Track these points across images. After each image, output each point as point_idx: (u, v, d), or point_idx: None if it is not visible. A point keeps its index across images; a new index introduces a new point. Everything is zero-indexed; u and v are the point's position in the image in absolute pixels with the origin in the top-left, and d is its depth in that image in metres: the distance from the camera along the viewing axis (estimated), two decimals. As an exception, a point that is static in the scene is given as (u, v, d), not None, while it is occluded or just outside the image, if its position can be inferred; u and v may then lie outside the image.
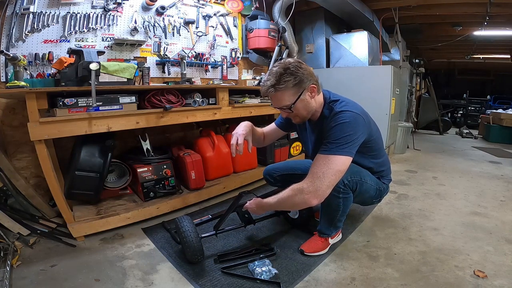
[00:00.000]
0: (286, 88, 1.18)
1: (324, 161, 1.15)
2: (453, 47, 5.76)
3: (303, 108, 1.24)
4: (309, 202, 1.16)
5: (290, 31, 3.33)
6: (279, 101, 1.22)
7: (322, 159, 1.16)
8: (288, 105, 1.21)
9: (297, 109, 1.23)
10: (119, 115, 1.58)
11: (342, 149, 1.14)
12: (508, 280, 1.24)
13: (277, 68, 1.19)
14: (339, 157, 1.14)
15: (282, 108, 1.25)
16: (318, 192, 1.13)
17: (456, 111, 7.88)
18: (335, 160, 1.14)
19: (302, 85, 1.19)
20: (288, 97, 1.20)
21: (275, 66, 1.22)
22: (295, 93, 1.20)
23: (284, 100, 1.21)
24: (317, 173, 1.14)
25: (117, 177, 1.92)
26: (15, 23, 1.73)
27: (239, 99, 2.31)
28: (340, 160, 1.14)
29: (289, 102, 1.21)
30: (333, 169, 1.14)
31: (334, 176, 1.14)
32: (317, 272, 1.32)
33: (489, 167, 3.30)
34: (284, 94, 1.19)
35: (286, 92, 1.19)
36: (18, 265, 1.33)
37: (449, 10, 3.79)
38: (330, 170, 1.13)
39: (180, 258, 1.41)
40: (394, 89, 3.25)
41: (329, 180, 1.14)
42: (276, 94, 1.19)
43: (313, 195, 1.14)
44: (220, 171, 2.31)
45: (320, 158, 1.17)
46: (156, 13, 2.38)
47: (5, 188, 1.68)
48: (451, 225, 1.79)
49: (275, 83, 1.17)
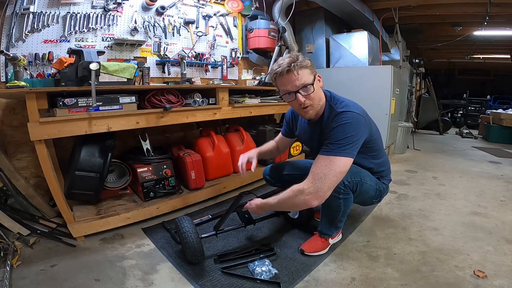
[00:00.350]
0: (305, 66, 1.18)
1: (325, 162, 1.15)
2: (453, 47, 5.76)
3: (317, 93, 1.24)
4: (310, 203, 1.16)
5: (290, 31, 3.33)
6: (301, 78, 1.18)
7: (324, 160, 1.16)
8: (310, 82, 1.20)
9: (315, 92, 1.22)
10: (119, 115, 1.58)
11: (344, 150, 1.14)
12: (508, 280, 1.24)
13: (289, 55, 1.21)
14: (340, 158, 1.14)
15: (304, 87, 1.19)
16: (318, 193, 1.14)
17: (456, 111, 7.88)
18: (337, 161, 1.14)
19: (314, 70, 1.23)
20: (307, 75, 1.19)
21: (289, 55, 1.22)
22: (311, 73, 1.21)
23: (304, 77, 1.19)
24: (318, 174, 1.14)
25: (117, 177, 1.92)
26: (15, 23, 1.73)
27: (239, 99, 2.31)
28: (342, 161, 1.14)
29: (309, 81, 1.20)
30: (334, 170, 1.13)
31: (335, 177, 1.14)
32: (317, 272, 1.32)
33: (489, 167, 3.30)
34: (304, 71, 1.18)
35: (305, 70, 1.19)
36: (18, 265, 1.33)
37: (449, 10, 3.79)
38: (332, 171, 1.13)
39: (180, 258, 1.41)
40: (394, 89, 3.25)
41: (330, 181, 1.14)
42: (297, 71, 1.17)
43: (313, 196, 1.14)
44: (220, 171, 2.31)
45: (322, 159, 1.16)
46: (156, 13, 2.38)
47: (5, 188, 1.68)
48: (451, 225, 1.79)
49: (295, 60, 1.17)
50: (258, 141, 2.56)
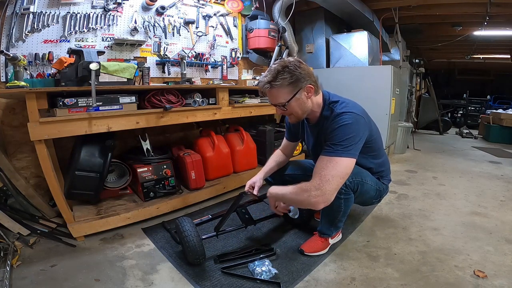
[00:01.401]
0: (282, 86, 1.19)
1: (331, 164, 1.14)
2: (453, 47, 5.76)
3: (297, 107, 1.25)
4: (317, 206, 1.15)
5: (290, 31, 3.33)
6: (275, 98, 1.23)
7: (329, 161, 1.15)
8: (283, 102, 1.22)
9: (292, 107, 1.24)
10: (119, 115, 1.58)
11: (348, 151, 1.14)
12: (508, 280, 1.24)
13: (276, 65, 1.20)
14: (345, 159, 1.14)
15: (277, 105, 1.26)
16: (326, 196, 1.13)
17: (456, 111, 7.88)
18: (342, 162, 1.14)
19: (298, 84, 1.20)
20: (283, 95, 1.21)
21: (275, 63, 1.23)
22: (290, 91, 1.20)
23: (279, 97, 1.22)
24: (326, 176, 1.13)
25: (117, 177, 1.92)
26: (15, 23, 1.73)
27: (239, 99, 2.31)
28: (346, 162, 1.15)
29: (283, 100, 1.22)
30: (341, 172, 1.14)
31: (341, 179, 1.15)
32: (317, 272, 1.32)
33: (489, 167, 3.30)
34: (280, 91, 1.20)
35: (281, 89, 1.20)
36: (18, 265, 1.33)
37: (449, 10, 3.79)
38: (338, 173, 1.13)
39: (180, 258, 1.41)
40: (394, 89, 3.25)
41: (337, 183, 1.14)
42: (272, 90, 1.21)
43: (321, 199, 1.13)
44: (220, 171, 2.31)
45: (326, 160, 1.16)
46: (156, 13, 2.38)
47: (5, 188, 1.68)
48: (451, 225, 1.79)
49: (271, 80, 1.19)
50: (258, 141, 2.56)
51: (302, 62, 1.23)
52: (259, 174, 1.61)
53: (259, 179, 1.59)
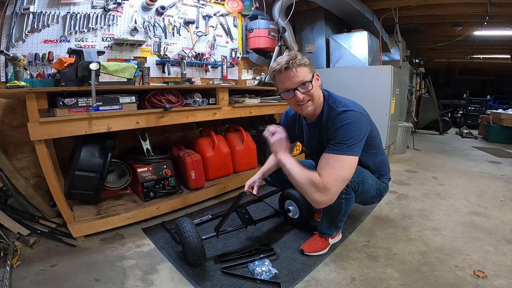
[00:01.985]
0: (304, 65, 1.20)
1: (338, 163, 1.13)
2: (453, 47, 5.75)
3: (316, 91, 1.25)
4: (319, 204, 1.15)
5: (290, 31, 3.33)
6: (299, 75, 1.19)
7: (336, 160, 1.14)
8: (309, 79, 1.21)
9: (314, 89, 1.23)
10: (119, 115, 1.58)
11: (352, 149, 1.15)
12: (508, 280, 1.24)
13: (289, 53, 1.22)
14: (350, 157, 1.15)
15: (302, 84, 1.20)
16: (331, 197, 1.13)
17: (456, 111, 7.88)
18: (347, 161, 1.14)
19: (312, 69, 1.24)
20: (306, 73, 1.21)
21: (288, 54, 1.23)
22: (310, 71, 1.22)
23: (303, 74, 1.20)
24: (334, 175, 1.12)
25: (117, 177, 1.92)
26: (15, 23, 1.73)
27: (239, 99, 2.31)
28: (351, 161, 1.15)
29: (308, 79, 1.21)
30: (347, 172, 1.15)
31: (347, 181, 1.17)
32: (317, 272, 1.32)
33: (489, 167, 3.30)
34: (303, 69, 1.20)
35: (304, 68, 1.20)
36: (18, 265, 1.33)
37: (449, 10, 3.78)
38: (345, 173, 1.14)
39: (180, 258, 1.41)
40: (394, 89, 3.25)
41: (343, 185, 1.16)
42: (297, 68, 1.18)
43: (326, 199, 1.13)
44: (220, 171, 2.31)
45: (333, 159, 1.14)
46: (156, 13, 2.38)
47: (5, 188, 1.68)
48: (451, 225, 1.79)
49: (293, 58, 1.18)
50: (258, 141, 2.56)
51: None
52: (257, 174, 1.61)
53: (258, 178, 1.59)
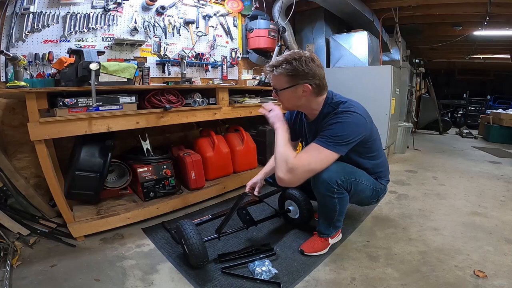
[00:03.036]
0: (280, 75, 1.26)
1: (314, 151, 1.21)
2: (453, 47, 5.75)
3: (288, 99, 1.32)
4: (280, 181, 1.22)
5: (290, 31, 3.33)
6: (273, 81, 1.32)
7: (314, 148, 1.21)
8: (277, 88, 1.31)
9: (283, 96, 1.32)
10: (119, 115, 1.58)
11: (335, 146, 1.19)
12: (508, 280, 1.24)
13: (290, 54, 1.26)
14: (329, 152, 1.20)
15: (273, 88, 1.34)
16: (292, 178, 1.20)
17: (456, 111, 7.88)
18: (324, 153, 1.20)
19: (296, 80, 1.25)
20: (280, 82, 1.28)
21: (290, 53, 1.28)
22: (287, 82, 1.27)
23: (276, 83, 1.30)
24: (304, 159, 1.20)
25: (117, 177, 1.92)
26: (15, 23, 1.73)
27: (239, 99, 2.31)
28: (329, 155, 1.20)
29: (279, 87, 1.29)
30: (317, 163, 1.21)
31: (313, 170, 1.22)
32: (317, 272, 1.32)
33: (489, 167, 3.30)
34: (278, 78, 1.28)
35: (280, 77, 1.27)
36: (18, 265, 1.33)
37: (449, 10, 3.78)
38: (315, 161, 1.21)
39: (180, 258, 1.41)
40: (394, 89, 3.25)
41: (309, 170, 1.21)
42: (273, 75, 1.30)
43: (287, 177, 1.20)
44: (220, 171, 2.31)
45: (313, 147, 1.22)
46: (156, 13, 2.38)
47: (5, 188, 1.68)
48: (451, 225, 1.79)
49: (275, 65, 1.27)
50: (258, 141, 2.56)
51: (315, 60, 1.26)
52: (259, 175, 1.62)
53: (260, 179, 1.60)
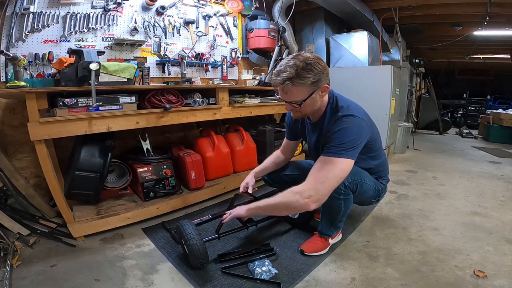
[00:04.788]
0: (304, 85, 1.12)
1: (328, 166, 1.13)
2: (453, 47, 5.75)
3: (310, 105, 1.21)
4: (308, 207, 1.13)
5: (290, 31, 3.33)
6: (292, 95, 1.15)
7: (325, 162, 1.14)
8: (299, 101, 1.16)
9: (305, 106, 1.19)
10: (119, 115, 1.58)
11: (346, 152, 1.13)
12: (508, 280, 1.24)
13: (296, 60, 1.10)
14: (343, 160, 1.13)
15: (290, 103, 1.19)
16: (317, 196, 1.12)
17: (456, 111, 7.89)
18: (339, 163, 1.12)
19: (318, 84, 1.14)
20: (301, 94, 1.15)
21: (292, 58, 1.13)
22: (309, 90, 1.15)
23: (297, 95, 1.15)
24: (319, 177, 1.13)
25: (117, 177, 1.92)
26: (15, 23, 1.73)
27: (239, 99, 2.31)
28: (344, 163, 1.13)
29: (300, 99, 1.15)
30: (336, 175, 1.13)
31: (335, 181, 1.14)
32: (317, 272, 1.32)
33: (489, 167, 3.30)
34: (300, 89, 1.13)
35: (302, 88, 1.12)
36: (18, 265, 1.33)
37: (449, 10, 3.78)
38: (334, 175, 1.12)
39: (180, 258, 1.41)
40: (394, 89, 3.25)
41: (331, 184, 1.13)
42: (292, 88, 1.12)
43: (312, 200, 1.12)
44: (220, 171, 2.31)
45: (324, 161, 1.15)
46: (156, 13, 2.38)
47: (5, 188, 1.68)
48: (451, 225, 1.79)
49: (293, 77, 1.09)
50: (258, 141, 2.56)
51: (321, 59, 1.16)
52: (250, 175, 1.64)
53: (251, 178, 1.61)
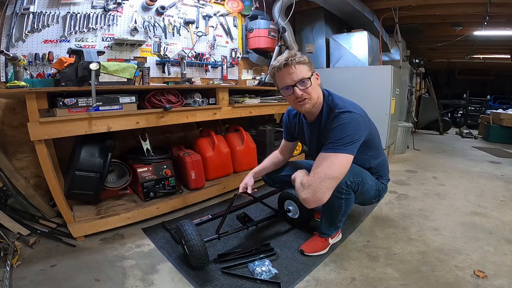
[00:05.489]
0: (303, 62, 1.23)
1: (327, 162, 1.15)
2: (453, 47, 5.75)
3: (314, 90, 1.27)
4: (306, 203, 1.17)
5: (290, 31, 3.32)
6: (298, 72, 1.22)
7: (324, 159, 1.16)
8: (308, 76, 1.23)
9: (313, 88, 1.25)
10: (119, 115, 1.58)
11: (344, 148, 1.15)
12: (508, 280, 1.24)
13: (286, 53, 1.25)
14: (342, 155, 1.15)
15: (301, 81, 1.23)
16: (316, 195, 1.14)
17: (456, 111, 7.88)
18: (338, 159, 1.15)
19: (311, 67, 1.26)
20: (305, 71, 1.23)
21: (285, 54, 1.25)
22: (309, 69, 1.25)
23: (302, 72, 1.23)
24: (318, 173, 1.15)
25: (117, 177, 1.92)
26: (15, 23, 1.73)
27: (239, 99, 2.31)
28: (343, 159, 1.15)
29: (307, 75, 1.23)
30: (334, 170, 1.14)
31: (335, 179, 1.16)
32: (317, 272, 1.32)
33: (489, 167, 3.30)
34: (302, 67, 1.23)
35: (303, 65, 1.23)
36: (18, 265, 1.33)
37: (449, 10, 3.78)
38: (333, 171, 1.14)
39: (180, 258, 1.41)
40: (394, 89, 3.25)
41: (330, 183, 1.15)
42: (296, 65, 1.22)
43: (311, 197, 1.15)
44: (220, 171, 2.31)
45: (322, 157, 1.17)
46: (156, 13, 2.38)
47: (5, 188, 1.68)
48: (451, 225, 1.79)
49: (293, 56, 1.21)
50: (258, 141, 2.56)
51: None
52: (249, 175, 1.64)
53: (250, 179, 1.61)
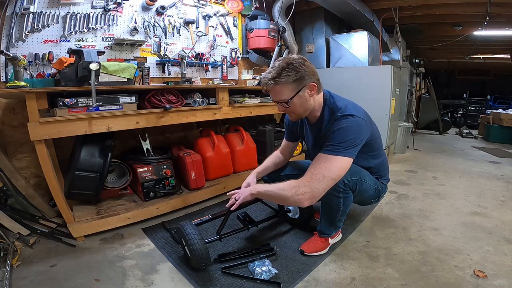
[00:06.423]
0: (286, 83, 1.18)
1: (326, 163, 1.14)
2: (453, 47, 5.75)
3: (300, 105, 1.24)
4: (301, 203, 1.15)
5: (290, 31, 3.33)
6: (278, 94, 1.22)
7: (323, 160, 1.16)
8: (285, 99, 1.21)
9: (294, 104, 1.23)
10: (119, 115, 1.58)
11: (345, 151, 1.15)
12: (508, 280, 1.24)
13: (280, 62, 1.19)
14: (341, 158, 1.14)
15: (279, 102, 1.25)
16: (313, 194, 1.13)
17: (456, 111, 7.88)
18: (337, 161, 1.14)
19: (302, 82, 1.19)
20: (286, 92, 1.20)
21: (279, 60, 1.21)
22: (294, 88, 1.19)
23: (282, 94, 1.21)
24: (317, 175, 1.14)
25: (117, 177, 1.92)
26: (15, 23, 1.73)
27: (239, 99, 2.31)
28: (342, 161, 1.14)
29: (286, 97, 1.20)
30: (333, 172, 1.14)
31: (332, 180, 1.15)
32: (317, 272, 1.32)
33: (489, 167, 3.30)
34: (283, 88, 1.19)
35: (285, 86, 1.19)
36: (18, 265, 1.33)
37: (449, 10, 3.78)
38: (331, 173, 1.13)
39: (180, 258, 1.41)
40: (394, 89, 3.25)
41: (327, 183, 1.14)
42: (275, 87, 1.20)
43: (307, 196, 1.13)
44: (220, 171, 2.31)
45: (322, 158, 1.16)
46: (156, 13, 2.38)
47: (5, 188, 1.68)
48: (451, 225, 1.79)
49: (275, 76, 1.17)
50: (258, 141, 2.56)
51: (306, 60, 1.22)
52: (251, 175, 1.63)
53: (252, 179, 1.60)
